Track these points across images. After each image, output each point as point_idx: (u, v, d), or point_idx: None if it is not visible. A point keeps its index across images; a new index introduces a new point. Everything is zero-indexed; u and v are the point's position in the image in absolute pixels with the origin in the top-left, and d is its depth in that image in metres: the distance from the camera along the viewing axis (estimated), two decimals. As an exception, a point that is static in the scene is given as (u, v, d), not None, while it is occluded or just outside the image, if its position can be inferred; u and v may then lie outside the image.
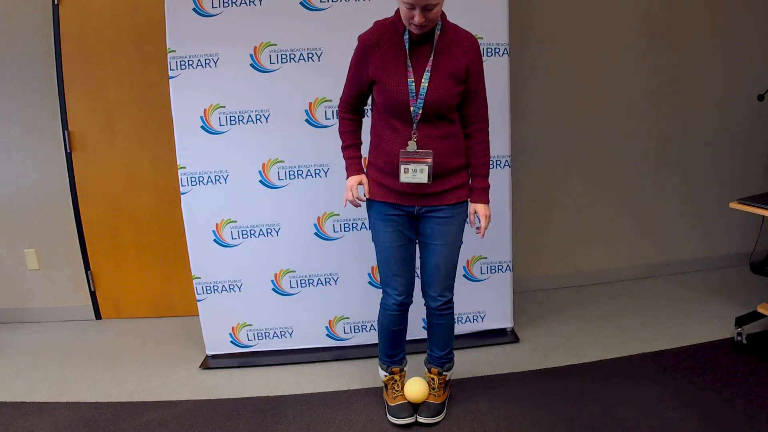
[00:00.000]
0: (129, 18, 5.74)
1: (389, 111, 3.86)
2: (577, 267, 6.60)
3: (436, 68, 3.78)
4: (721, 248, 6.81)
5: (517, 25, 5.48)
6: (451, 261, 4.15)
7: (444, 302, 4.22)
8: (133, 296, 6.36)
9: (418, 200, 3.96)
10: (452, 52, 3.82)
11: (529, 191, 6.26)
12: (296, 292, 5.30)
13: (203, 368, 5.30)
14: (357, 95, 4.05)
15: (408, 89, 3.77)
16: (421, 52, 3.81)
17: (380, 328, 4.39)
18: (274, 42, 4.89)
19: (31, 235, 6.20)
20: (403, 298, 4.21)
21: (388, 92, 3.80)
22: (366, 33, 3.91)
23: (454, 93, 3.82)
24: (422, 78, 3.77)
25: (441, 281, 4.16)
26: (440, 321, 4.30)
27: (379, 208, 4.08)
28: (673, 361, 4.89)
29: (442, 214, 4.00)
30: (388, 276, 4.21)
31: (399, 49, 3.81)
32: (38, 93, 5.88)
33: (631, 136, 6.39)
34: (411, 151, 3.81)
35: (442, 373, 4.42)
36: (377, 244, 4.19)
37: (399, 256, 4.12)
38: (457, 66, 3.81)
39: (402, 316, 4.30)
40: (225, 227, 5.14)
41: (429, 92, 3.76)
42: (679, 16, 6.20)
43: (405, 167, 3.82)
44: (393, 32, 3.84)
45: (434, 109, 3.78)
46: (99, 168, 6.03)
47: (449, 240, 4.06)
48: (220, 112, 4.96)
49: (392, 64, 3.81)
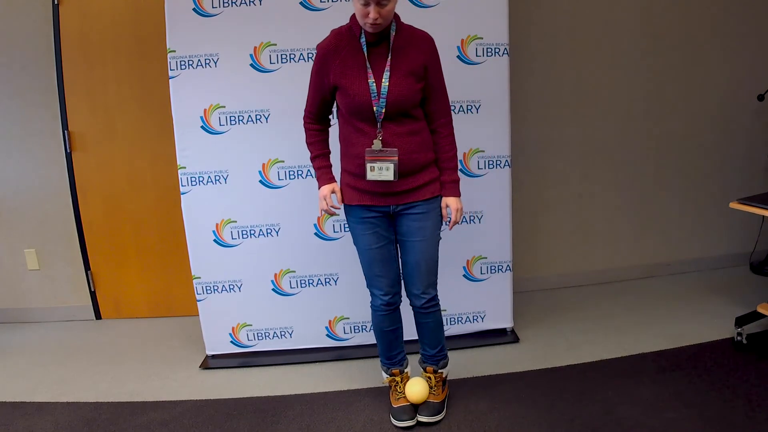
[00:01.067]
0: (129, 18, 5.75)
1: (354, 114, 3.90)
2: (578, 267, 6.60)
3: (395, 67, 3.83)
4: (721, 248, 6.81)
5: (517, 24, 5.49)
6: (431, 257, 4.15)
7: (428, 299, 4.22)
8: (133, 296, 6.36)
9: (393, 199, 3.99)
10: (408, 51, 3.87)
11: (529, 191, 6.26)
12: (296, 292, 5.30)
13: (203, 368, 5.30)
14: (320, 104, 4.08)
15: (369, 90, 3.81)
16: (378, 53, 3.86)
17: (375, 331, 4.42)
18: (274, 42, 4.89)
19: (31, 235, 6.20)
20: (390, 297, 4.24)
21: (350, 96, 3.84)
22: (324, 41, 3.99)
23: (415, 90, 3.86)
24: (382, 78, 3.82)
25: (423, 278, 4.16)
26: (427, 319, 4.30)
27: (355, 212, 4.12)
28: (673, 361, 4.89)
29: (417, 210, 4.02)
30: (372, 278, 4.25)
31: (357, 52, 3.87)
32: (38, 93, 5.89)
33: (631, 136, 6.39)
34: (376, 150, 3.84)
35: (438, 371, 4.42)
36: (358, 248, 4.23)
37: (380, 257, 4.15)
38: (415, 63, 3.85)
39: (392, 316, 4.32)
40: (225, 227, 5.14)
41: (390, 91, 3.80)
42: (679, 15, 6.21)
43: (371, 165, 3.86)
44: (350, 37, 3.90)
45: (397, 107, 3.82)
46: (99, 168, 6.03)
47: (427, 236, 4.08)
48: (220, 112, 4.97)
49: (351, 68, 3.86)
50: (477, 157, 5.14)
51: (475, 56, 4.98)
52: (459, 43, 4.83)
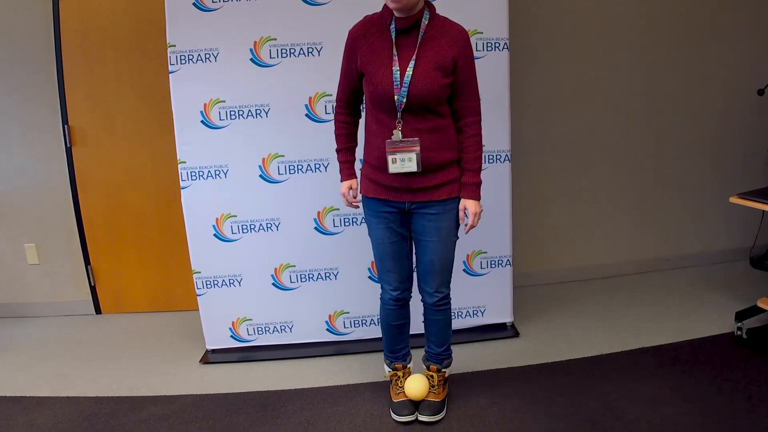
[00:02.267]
0: (129, 13, 5.75)
1: (376, 103, 3.86)
2: (577, 262, 6.61)
3: (422, 58, 3.77)
4: (721, 243, 6.81)
5: (517, 19, 5.48)
6: (445, 257, 4.13)
7: (440, 298, 4.21)
8: (133, 291, 6.36)
9: (409, 195, 3.95)
10: (439, 42, 3.80)
11: (529, 186, 6.26)
12: (296, 286, 5.30)
13: (203, 363, 5.30)
14: (351, 91, 4.05)
15: (393, 78, 3.76)
16: (407, 42, 3.81)
17: (381, 323, 4.41)
18: (274, 37, 4.88)
19: (31, 230, 6.20)
20: (399, 293, 4.23)
21: (373, 83, 3.80)
22: (354, 26, 3.95)
23: (441, 84, 3.78)
24: (407, 67, 3.76)
25: (436, 277, 4.15)
26: (437, 317, 4.29)
27: (371, 204, 4.10)
28: (673, 356, 4.90)
29: (433, 210, 3.98)
30: (383, 271, 4.24)
31: (385, 40, 3.82)
32: (38, 88, 5.88)
33: (631, 131, 6.39)
34: (396, 141, 3.80)
35: (441, 370, 4.41)
36: (372, 240, 4.21)
37: (391, 252, 4.14)
38: (444, 57, 3.78)
39: (400, 310, 4.32)
40: (225, 222, 5.14)
41: (413, 81, 3.74)
42: (679, 11, 6.20)
43: (392, 157, 3.81)
44: (380, 24, 3.86)
45: (419, 99, 3.76)
46: (99, 163, 6.03)
47: (442, 236, 4.05)
48: (220, 107, 4.96)
49: (378, 54, 3.82)
50: (477, 152, 5.13)
51: (475, 51, 4.92)
52: (459, 37, 4.83)
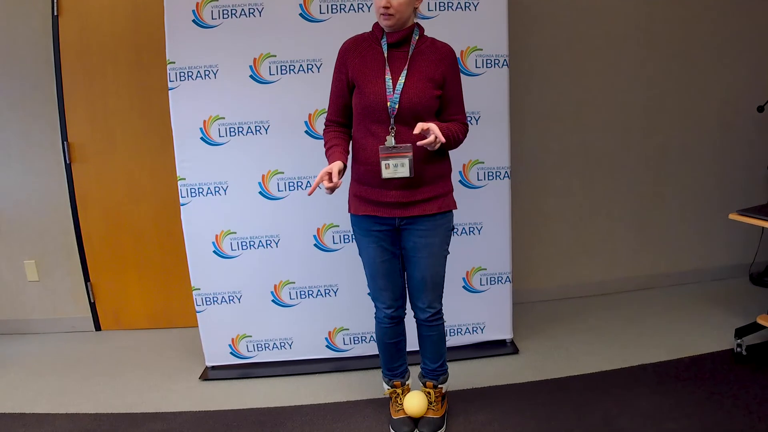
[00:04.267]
0: (128, 29, 5.76)
1: (367, 114, 3.87)
2: (577, 278, 6.60)
3: (413, 69, 3.83)
4: (720, 259, 6.81)
5: (516, 36, 5.49)
6: (437, 272, 4.13)
7: (433, 313, 4.21)
8: (132, 307, 6.35)
9: (399, 210, 3.94)
10: (429, 57, 3.88)
11: (528, 202, 6.27)
12: (296, 303, 5.30)
13: (203, 379, 5.29)
14: (342, 108, 4.06)
15: (385, 87, 3.80)
16: (398, 56, 3.87)
17: (377, 342, 4.42)
18: (273, 53, 4.90)
19: (31, 247, 6.20)
20: (393, 311, 4.23)
21: (365, 93, 3.84)
22: (345, 42, 4.03)
23: (431, 95, 3.84)
24: (399, 77, 3.81)
25: (428, 293, 4.15)
26: (431, 332, 4.29)
27: (362, 223, 4.10)
28: (673, 372, 4.90)
29: (423, 226, 3.99)
30: (376, 290, 4.24)
31: (377, 53, 3.89)
32: (37, 104, 5.89)
33: (630, 147, 6.40)
34: (390, 146, 3.79)
35: (438, 386, 4.41)
36: (363, 259, 4.22)
37: (383, 270, 4.14)
38: (434, 71, 3.85)
39: (395, 328, 4.32)
40: (224, 238, 5.14)
41: (405, 90, 3.79)
42: (678, 27, 6.22)
43: (385, 163, 3.80)
44: (371, 39, 3.94)
45: (411, 107, 3.79)
46: (98, 179, 6.03)
47: (433, 252, 4.05)
48: (220, 124, 4.97)
49: (370, 66, 3.87)
50: (477, 169, 5.15)
51: (475, 67, 4.99)
52: (459, 54, 4.80)
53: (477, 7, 4.93)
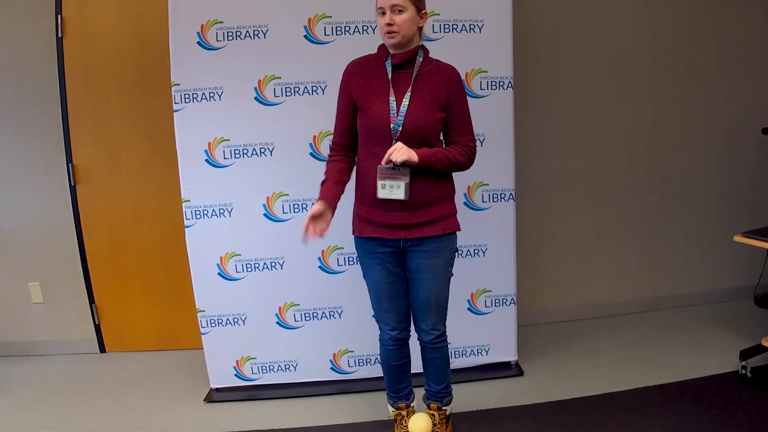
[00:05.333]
0: (133, 51, 5.78)
1: (371, 135, 3.89)
2: (582, 300, 6.60)
3: (417, 90, 3.84)
4: (725, 281, 6.80)
5: (521, 58, 5.51)
6: (440, 294, 4.12)
7: (437, 335, 4.20)
8: (137, 329, 6.34)
9: (403, 232, 3.94)
10: (433, 78, 3.88)
11: (533, 224, 6.26)
12: (300, 325, 5.29)
13: (208, 401, 5.29)
14: (348, 130, 4.07)
15: (389, 108, 3.81)
16: (402, 77, 3.88)
17: (382, 364, 4.41)
18: (278, 75, 4.91)
19: (36, 269, 6.20)
20: (397, 333, 4.22)
21: (369, 114, 3.85)
22: (350, 63, 4.05)
23: (435, 118, 3.85)
24: (403, 99, 3.82)
25: (432, 315, 4.14)
26: (434, 355, 4.28)
27: (366, 245, 4.10)
28: (677, 395, 4.89)
29: (427, 248, 3.99)
30: (380, 312, 4.24)
31: (382, 74, 3.90)
32: (42, 126, 5.90)
33: (635, 169, 6.40)
34: (389, 167, 3.78)
35: (442, 408, 4.40)
36: (367, 281, 4.22)
37: (388, 292, 4.14)
38: (438, 93, 3.85)
39: (400, 351, 4.31)
40: (229, 260, 5.14)
41: (409, 112, 3.79)
42: (684, 48, 6.24)
43: (382, 183, 3.80)
44: (376, 61, 3.95)
45: (414, 129, 3.80)
46: (103, 201, 6.04)
47: (437, 273, 4.04)
48: (225, 146, 4.98)
49: (374, 87, 3.88)
50: (481, 190, 5.15)
51: (480, 89, 5.00)
52: (463, 76, 4.76)
53: (482, 29, 4.95)
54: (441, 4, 4.80)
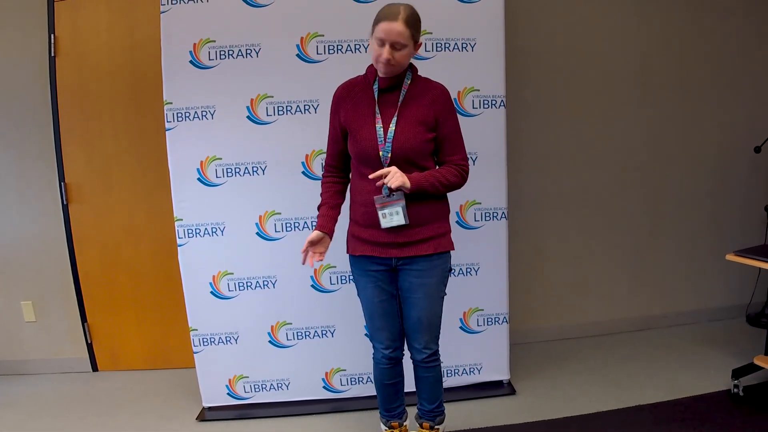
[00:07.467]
0: (126, 70, 5.79)
1: (361, 160, 3.91)
2: (574, 319, 6.60)
3: (404, 115, 3.84)
4: (717, 300, 6.81)
5: (513, 77, 5.53)
6: (433, 313, 4.11)
7: (429, 354, 4.19)
8: (129, 348, 6.33)
9: (396, 250, 3.95)
10: (420, 101, 3.88)
11: (525, 243, 6.28)
12: (293, 344, 5.29)
13: (200, 420, 5.27)
14: (339, 153, 4.10)
15: (376, 135, 3.82)
16: (389, 100, 3.88)
17: (375, 383, 4.40)
18: (270, 94, 4.92)
19: (28, 287, 6.19)
20: (391, 351, 4.22)
21: (358, 141, 3.86)
22: (339, 87, 4.06)
23: (424, 139, 3.84)
24: (390, 123, 3.82)
25: (425, 333, 4.13)
26: (427, 374, 4.27)
27: (359, 263, 4.11)
28: (669, 413, 4.89)
29: (419, 266, 3.98)
30: (374, 330, 4.24)
31: (369, 98, 3.91)
32: (35, 144, 5.90)
33: (627, 188, 6.42)
34: (383, 196, 3.81)
35: (435, 427, 4.40)
36: (361, 300, 4.22)
37: (381, 311, 4.14)
38: (426, 114, 3.85)
39: (393, 369, 4.31)
40: (222, 279, 5.14)
41: (396, 137, 3.79)
42: (675, 67, 6.27)
43: (381, 213, 3.83)
44: (364, 84, 3.96)
45: (403, 153, 3.80)
46: (96, 220, 6.04)
47: (429, 292, 4.04)
48: (217, 164, 4.98)
49: (362, 112, 3.89)
50: (474, 209, 5.16)
51: (472, 108, 5.01)
52: (456, 95, 4.83)
53: (474, 47, 4.97)
54: (433, 23, 4.82)
